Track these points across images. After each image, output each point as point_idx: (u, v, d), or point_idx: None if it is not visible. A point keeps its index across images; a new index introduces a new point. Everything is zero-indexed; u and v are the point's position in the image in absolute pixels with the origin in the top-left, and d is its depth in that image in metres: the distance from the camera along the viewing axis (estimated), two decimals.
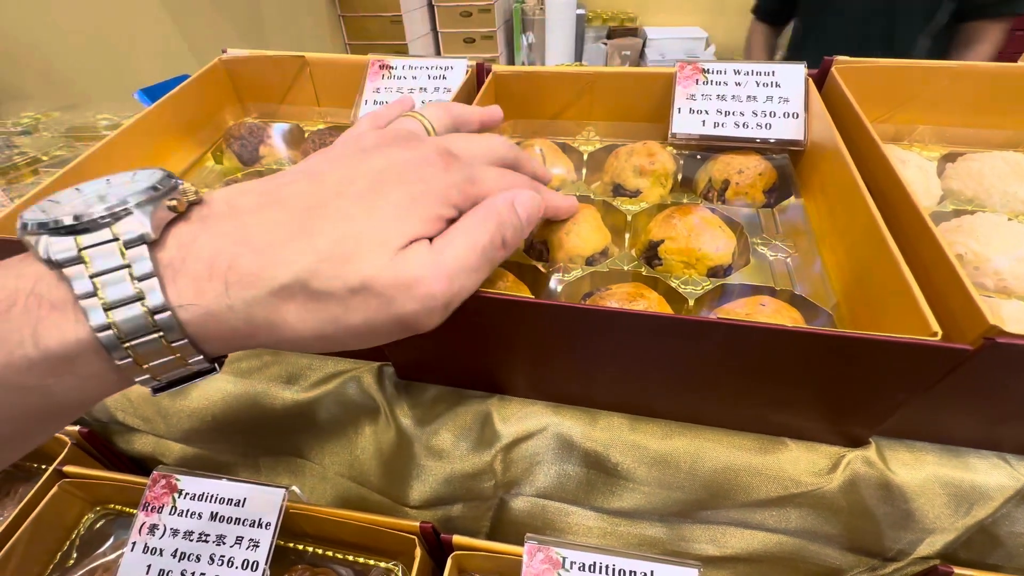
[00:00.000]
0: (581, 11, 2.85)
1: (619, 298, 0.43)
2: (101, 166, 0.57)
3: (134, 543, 0.47)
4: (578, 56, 3.01)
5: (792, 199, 0.56)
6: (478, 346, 0.45)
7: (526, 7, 2.93)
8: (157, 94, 0.68)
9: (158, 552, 0.47)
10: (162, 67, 1.70)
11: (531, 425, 0.46)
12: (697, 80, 0.60)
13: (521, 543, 0.43)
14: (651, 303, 0.43)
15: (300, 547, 0.51)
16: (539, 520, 0.51)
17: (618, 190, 0.61)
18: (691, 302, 0.47)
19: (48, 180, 0.51)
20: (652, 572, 0.41)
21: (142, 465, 0.62)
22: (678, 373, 0.41)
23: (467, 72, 0.68)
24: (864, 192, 0.43)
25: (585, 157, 0.67)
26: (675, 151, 0.62)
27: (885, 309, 0.38)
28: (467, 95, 0.66)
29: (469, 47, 2.91)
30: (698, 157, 0.60)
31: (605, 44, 2.88)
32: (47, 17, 1.39)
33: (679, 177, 0.63)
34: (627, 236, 0.57)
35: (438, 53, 2.96)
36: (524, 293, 0.49)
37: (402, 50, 2.71)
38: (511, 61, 3.01)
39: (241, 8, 2.06)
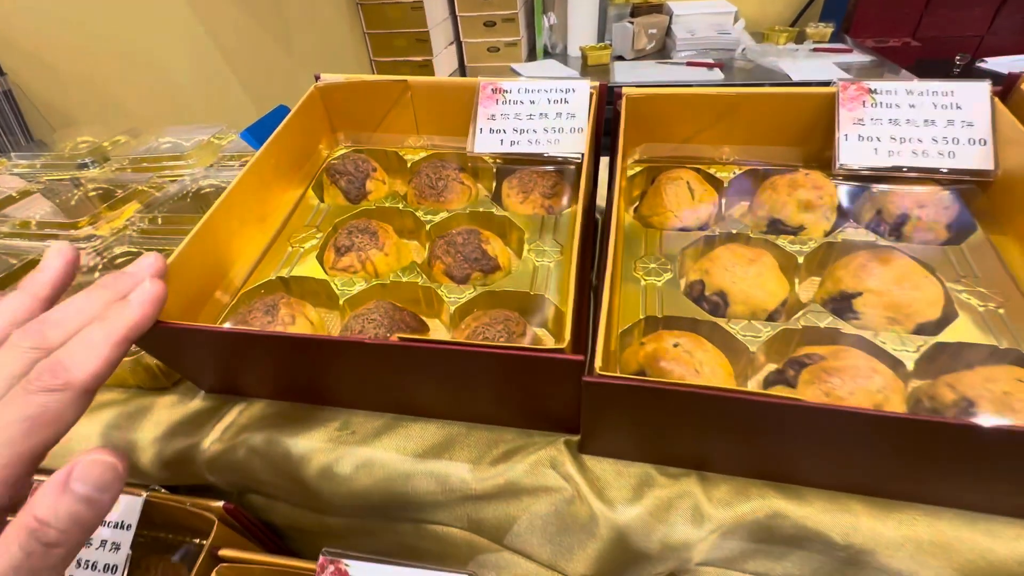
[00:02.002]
0: None
1: (849, 375, 0.39)
2: (223, 218, 0.53)
3: None
4: (601, 36, 2.90)
5: (978, 234, 0.51)
6: (681, 429, 0.41)
7: None
8: (258, 131, 0.62)
9: None
10: (198, 78, 1.63)
11: (742, 509, 0.42)
12: (864, 102, 0.55)
13: None
14: (887, 382, 0.39)
15: None
16: None
17: (776, 225, 0.56)
18: (910, 365, 0.43)
19: (181, 245, 0.46)
20: None
21: (277, 532, 0.60)
22: (924, 463, 0.37)
23: (591, 95, 0.63)
24: None
25: (726, 184, 0.62)
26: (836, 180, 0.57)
27: None
28: (595, 120, 0.61)
29: (490, 30, 2.81)
30: (874, 191, 0.55)
31: (631, 23, 2.77)
32: (85, 36, 1.32)
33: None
34: (796, 281, 0.53)
35: (458, 38, 2.86)
36: (724, 364, 0.45)
37: (423, 37, 2.61)
38: (532, 44, 2.91)
39: (271, 20, 1.97)
